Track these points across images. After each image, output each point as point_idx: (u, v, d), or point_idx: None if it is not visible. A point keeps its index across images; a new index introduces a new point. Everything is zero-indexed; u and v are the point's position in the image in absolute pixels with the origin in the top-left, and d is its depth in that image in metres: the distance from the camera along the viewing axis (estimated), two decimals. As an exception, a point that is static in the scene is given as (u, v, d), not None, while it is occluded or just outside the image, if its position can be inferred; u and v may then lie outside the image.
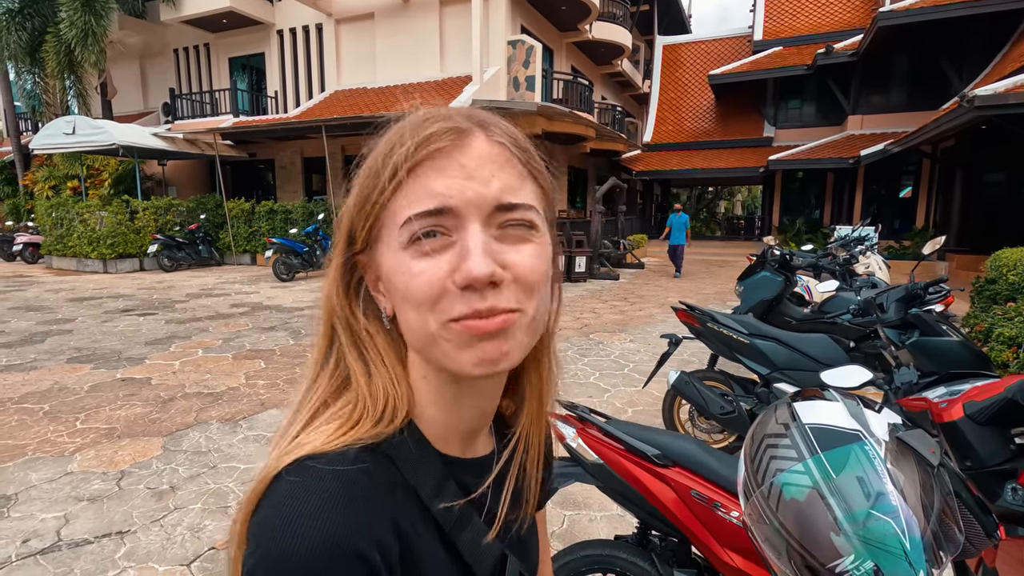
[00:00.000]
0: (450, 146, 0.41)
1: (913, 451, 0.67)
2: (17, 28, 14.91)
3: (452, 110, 0.44)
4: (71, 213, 12.12)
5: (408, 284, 0.41)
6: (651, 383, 3.51)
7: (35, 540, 2.37)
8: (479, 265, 0.39)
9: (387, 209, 0.42)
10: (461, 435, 0.50)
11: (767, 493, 0.70)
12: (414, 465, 0.44)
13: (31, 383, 4.46)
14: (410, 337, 0.44)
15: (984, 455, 1.24)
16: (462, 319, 0.40)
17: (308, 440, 0.41)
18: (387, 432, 0.43)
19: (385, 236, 0.42)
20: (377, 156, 0.43)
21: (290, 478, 0.39)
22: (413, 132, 0.42)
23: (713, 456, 1.46)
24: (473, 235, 0.40)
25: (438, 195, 0.40)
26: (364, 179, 0.44)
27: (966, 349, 2.17)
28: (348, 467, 0.40)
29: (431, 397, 0.47)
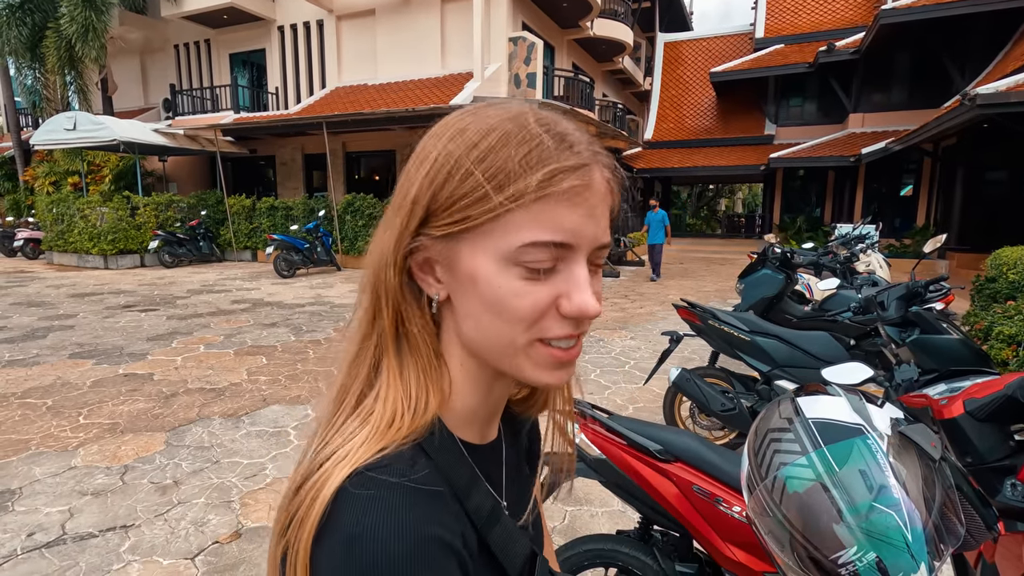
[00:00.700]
0: (586, 182, 0.41)
1: (915, 445, 0.68)
2: (18, 23, 14.88)
3: (580, 128, 0.44)
4: (72, 209, 12.13)
5: (507, 300, 0.41)
6: (652, 380, 3.53)
7: (40, 534, 2.39)
8: (594, 304, 0.42)
9: (501, 217, 0.40)
10: (483, 419, 0.50)
11: (771, 486, 0.71)
12: (448, 461, 0.44)
13: (34, 378, 4.47)
14: (479, 339, 0.43)
15: (984, 451, 1.26)
16: (550, 344, 0.42)
17: (354, 447, 0.41)
18: (423, 427, 0.43)
19: (483, 239, 0.41)
20: (505, 149, 0.40)
21: (357, 491, 0.38)
22: (556, 149, 0.40)
23: (715, 452, 1.47)
24: (583, 270, 0.42)
25: (567, 231, 0.40)
26: (479, 168, 0.40)
27: (966, 347, 2.18)
28: (408, 468, 0.40)
29: (466, 385, 0.47)
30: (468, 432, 0.49)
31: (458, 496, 0.44)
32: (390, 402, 0.43)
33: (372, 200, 11.98)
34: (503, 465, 0.53)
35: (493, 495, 0.47)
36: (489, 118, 0.42)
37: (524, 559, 0.48)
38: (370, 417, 0.43)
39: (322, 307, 7.75)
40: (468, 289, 0.42)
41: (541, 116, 0.43)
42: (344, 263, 12.27)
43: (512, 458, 0.55)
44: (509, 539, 0.47)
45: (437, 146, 0.42)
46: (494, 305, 0.41)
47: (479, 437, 0.50)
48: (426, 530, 0.38)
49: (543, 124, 0.42)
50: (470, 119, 0.43)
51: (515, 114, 0.42)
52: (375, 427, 0.42)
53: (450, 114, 0.45)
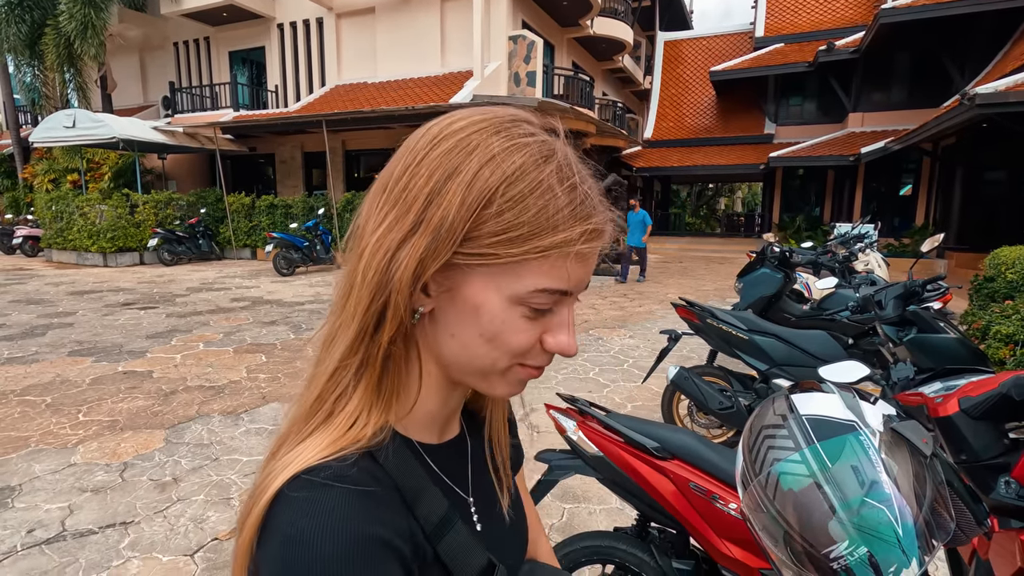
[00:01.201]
0: (600, 243, 0.44)
1: (907, 441, 0.69)
2: (16, 20, 14.87)
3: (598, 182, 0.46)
4: (71, 206, 12.12)
5: (505, 335, 0.43)
6: (650, 379, 3.54)
7: (40, 530, 2.39)
8: (574, 347, 0.45)
9: (521, 263, 0.41)
10: (441, 422, 0.51)
11: (765, 482, 0.71)
12: (399, 465, 0.44)
13: (33, 376, 4.47)
14: (460, 358, 0.45)
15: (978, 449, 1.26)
16: (526, 367, 0.45)
17: (304, 450, 0.41)
18: (378, 435, 0.43)
19: (498, 277, 0.41)
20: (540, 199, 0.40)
21: (294, 494, 0.38)
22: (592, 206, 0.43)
23: (712, 449, 1.48)
24: (570, 313, 0.45)
25: (574, 282, 0.43)
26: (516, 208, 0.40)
27: (963, 346, 2.18)
28: (351, 470, 0.40)
29: (428, 392, 0.47)
30: (425, 434, 0.50)
31: (407, 503, 0.43)
32: (354, 411, 0.43)
33: (371, 198, 11.95)
34: (468, 459, 0.54)
35: (445, 501, 0.46)
36: (529, 148, 0.41)
37: (479, 570, 0.46)
38: (335, 420, 0.43)
39: (321, 305, 7.76)
40: (467, 315, 0.43)
41: (574, 161, 0.44)
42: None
43: (478, 451, 0.56)
44: (462, 549, 0.45)
45: (469, 165, 0.40)
46: (491, 336, 0.43)
47: (437, 437, 0.51)
48: (362, 529, 0.37)
49: (579, 173, 0.43)
50: (507, 143, 0.41)
51: (548, 152, 0.42)
52: (331, 434, 0.42)
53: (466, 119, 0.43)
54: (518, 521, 0.58)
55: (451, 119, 0.44)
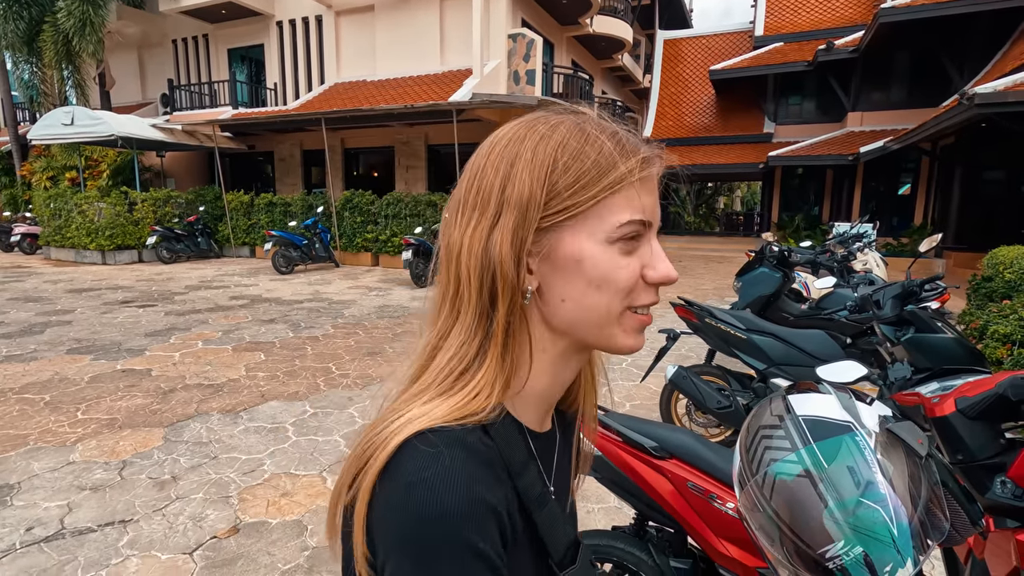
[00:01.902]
0: (655, 171, 0.49)
1: (902, 442, 0.69)
2: (14, 17, 14.83)
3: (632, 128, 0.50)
4: (69, 204, 12.10)
5: (612, 273, 0.46)
6: (649, 378, 3.54)
7: (39, 528, 2.40)
8: (674, 271, 0.49)
9: (603, 202, 0.46)
10: (546, 406, 0.54)
11: (761, 482, 0.72)
12: (507, 440, 0.47)
13: (31, 373, 4.47)
14: (579, 316, 0.48)
15: (975, 449, 1.27)
16: (638, 311, 0.49)
17: (430, 411, 0.45)
18: (493, 409, 0.46)
19: (584, 224, 0.46)
20: (592, 147, 0.46)
21: (422, 447, 0.42)
22: (636, 147, 0.47)
23: (710, 448, 1.49)
24: (658, 244, 0.49)
25: (649, 210, 0.47)
26: (576, 162, 0.46)
27: (960, 346, 2.19)
28: (475, 436, 0.44)
29: (542, 368, 0.50)
30: (529, 418, 0.52)
31: (512, 474, 0.47)
32: (482, 383, 0.46)
33: (370, 196, 11.96)
34: (555, 454, 0.57)
35: (543, 479, 0.50)
36: (566, 122, 0.48)
37: (567, 544, 0.52)
38: (459, 392, 0.46)
39: (320, 303, 7.76)
40: (571, 271, 0.47)
41: (604, 118, 0.50)
42: (342, 259, 12.27)
43: (563, 448, 0.59)
44: (555, 523, 0.50)
45: (525, 148, 0.46)
46: (600, 280, 0.46)
47: (538, 425, 0.54)
48: (477, 491, 0.41)
49: (614, 124, 0.49)
50: (543, 127, 0.48)
51: (581, 119, 0.48)
52: (456, 402, 0.45)
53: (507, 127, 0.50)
54: (574, 516, 0.63)
55: (496, 133, 0.50)
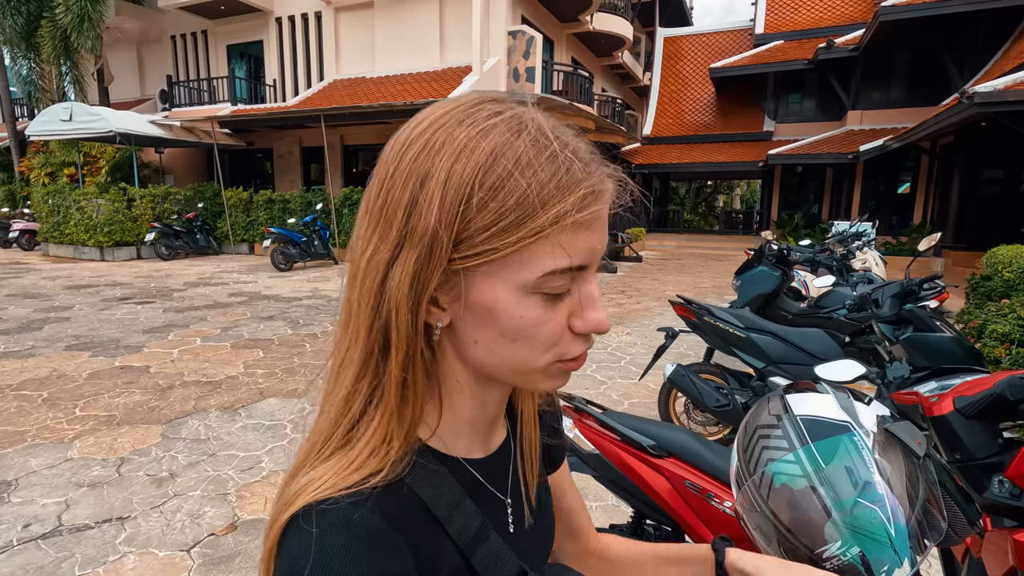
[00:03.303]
0: (604, 203, 0.41)
1: (900, 442, 0.69)
2: (12, 12, 14.77)
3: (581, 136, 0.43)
4: (68, 200, 12.08)
5: (529, 330, 0.40)
6: (647, 376, 3.55)
7: (36, 525, 2.39)
8: (606, 322, 0.42)
9: (525, 248, 0.38)
10: (483, 429, 0.50)
11: (759, 482, 0.72)
12: (431, 486, 0.43)
13: (29, 370, 4.47)
14: (492, 364, 0.43)
15: (973, 448, 1.27)
16: (565, 363, 0.42)
17: (318, 478, 0.40)
18: (404, 458, 0.42)
19: (501, 271, 0.39)
20: (522, 177, 0.37)
21: (305, 527, 0.38)
22: (582, 172, 0.39)
23: (707, 447, 1.49)
24: (595, 287, 0.42)
25: (586, 254, 0.40)
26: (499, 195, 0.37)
27: (959, 345, 2.19)
28: (360, 510, 0.39)
29: (466, 400, 0.46)
30: (464, 446, 0.48)
31: (440, 520, 0.43)
32: (378, 435, 0.41)
33: (370, 194, 11.93)
34: (511, 464, 0.53)
35: (479, 516, 0.46)
36: (497, 129, 0.39)
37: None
38: (353, 448, 0.41)
39: (319, 300, 7.75)
40: (483, 319, 0.40)
41: (551, 127, 0.40)
42: (341, 257, 12.25)
43: (520, 452, 0.55)
44: (495, 559, 0.46)
45: (440, 164, 0.38)
46: (514, 334, 0.40)
47: (479, 449, 0.50)
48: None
49: (559, 139, 0.39)
50: (472, 131, 0.38)
51: (525, 126, 0.39)
52: (353, 458, 0.41)
53: (428, 118, 0.41)
54: (543, 519, 0.58)
55: (415, 121, 0.42)
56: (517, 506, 0.53)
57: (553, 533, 0.61)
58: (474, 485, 0.48)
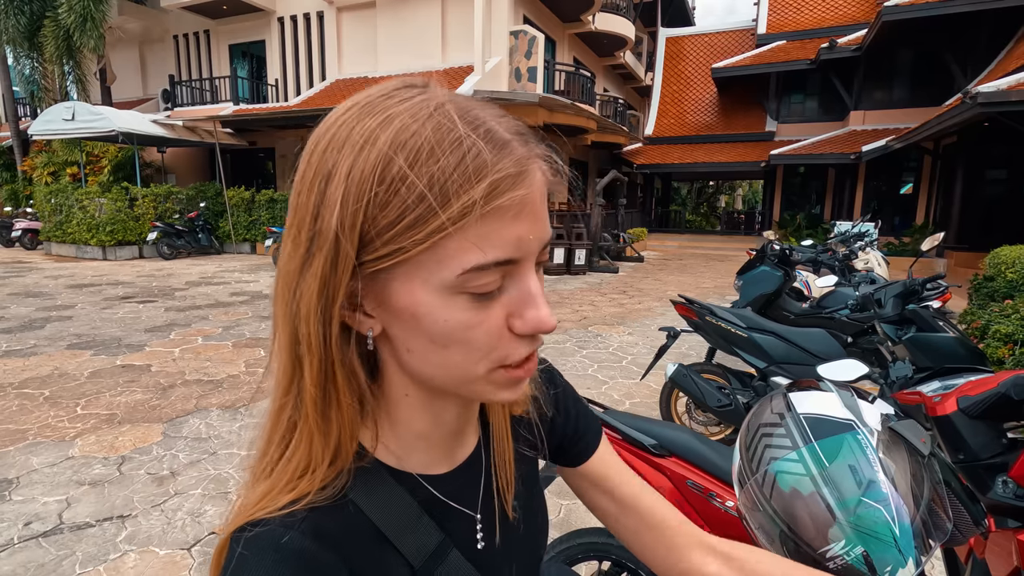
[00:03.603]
0: (528, 187, 0.36)
1: (904, 441, 0.68)
2: (15, 12, 14.78)
3: (506, 115, 0.39)
4: (70, 199, 12.10)
5: (458, 334, 0.37)
6: (649, 375, 3.54)
7: (37, 523, 2.39)
8: (551, 317, 0.38)
9: (438, 245, 0.35)
10: (442, 444, 0.47)
11: (761, 481, 0.71)
12: (380, 504, 0.42)
13: (31, 368, 4.47)
14: (429, 373, 0.40)
15: (976, 448, 1.26)
16: (509, 367, 0.39)
17: (255, 499, 0.40)
18: (343, 476, 0.40)
19: (418, 270, 0.36)
20: (428, 165, 0.34)
21: (236, 548, 0.37)
22: (495, 154, 0.35)
23: (709, 447, 1.48)
24: (535, 283, 0.38)
25: (513, 245, 0.36)
26: (403, 188, 0.34)
27: (962, 345, 2.18)
28: (290, 532, 0.37)
29: (415, 413, 0.44)
30: (423, 461, 0.46)
31: (390, 538, 0.42)
32: (303, 453, 0.39)
33: (371, 193, 11.94)
34: (481, 474, 0.51)
35: (438, 534, 0.44)
36: (400, 118, 0.35)
37: None
38: (286, 467, 0.40)
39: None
40: (409, 325, 0.37)
41: (464, 109, 0.36)
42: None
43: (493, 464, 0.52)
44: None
45: (342, 160, 0.35)
46: (443, 340, 0.37)
47: (446, 464, 0.48)
48: None
49: (470, 122, 0.35)
50: (374, 121, 0.35)
51: (431, 111, 0.35)
52: (286, 479, 0.39)
53: (338, 111, 0.38)
54: (530, 526, 0.55)
55: (330, 114, 0.38)
56: (490, 520, 0.50)
57: (541, 535, 0.58)
58: (434, 502, 0.46)
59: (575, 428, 0.62)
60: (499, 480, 0.51)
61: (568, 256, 10.94)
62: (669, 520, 0.59)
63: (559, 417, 0.61)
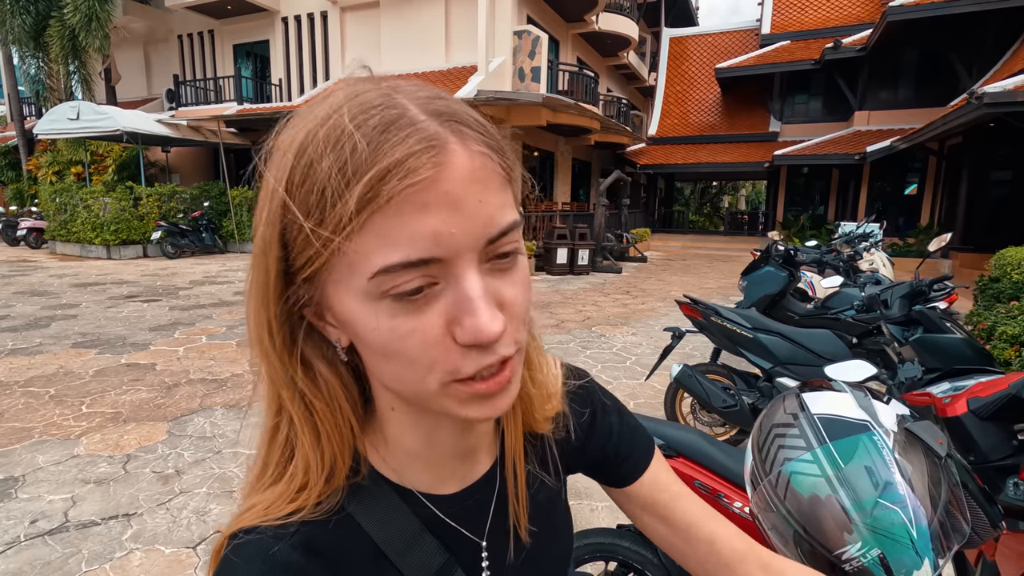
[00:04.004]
0: (432, 174, 0.32)
1: (921, 442, 0.68)
2: (21, 12, 14.85)
3: (403, 99, 0.34)
4: (75, 199, 12.14)
5: (391, 344, 0.34)
6: (653, 376, 3.53)
7: (43, 521, 2.40)
8: (489, 324, 0.33)
9: (339, 252, 0.33)
10: (441, 465, 0.45)
11: (775, 481, 0.71)
12: (379, 520, 0.41)
13: (37, 367, 4.49)
14: (391, 385, 0.38)
15: (987, 450, 1.25)
16: (467, 380, 0.35)
17: (253, 506, 0.40)
18: (338, 493, 0.40)
19: (339, 276, 0.34)
20: (317, 168, 0.32)
21: (228, 554, 0.38)
22: (373, 148, 0.31)
23: (717, 447, 1.47)
24: (471, 284, 0.33)
25: (419, 241, 0.32)
26: (301, 198, 0.33)
27: (969, 346, 2.18)
28: (278, 543, 0.38)
29: (404, 430, 0.42)
30: (425, 480, 0.45)
31: (389, 556, 0.41)
32: (301, 467, 0.39)
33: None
34: (493, 498, 0.48)
35: (442, 554, 0.43)
36: (308, 123, 0.34)
37: None
38: (281, 480, 0.40)
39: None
40: (351, 334, 0.36)
41: (367, 101, 0.33)
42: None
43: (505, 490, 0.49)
44: None
45: (272, 163, 0.35)
46: (381, 351, 0.35)
47: (454, 484, 0.46)
48: None
49: (365, 112, 0.33)
50: (290, 130, 0.35)
51: (335, 108, 0.33)
52: (282, 491, 0.39)
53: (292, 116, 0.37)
54: (550, 547, 0.52)
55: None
56: (499, 546, 0.48)
57: (566, 557, 0.56)
58: (437, 522, 0.44)
59: (616, 448, 0.57)
60: (511, 504, 0.49)
61: (571, 256, 10.93)
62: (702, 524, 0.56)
63: (594, 438, 0.57)
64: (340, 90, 0.35)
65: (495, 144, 0.36)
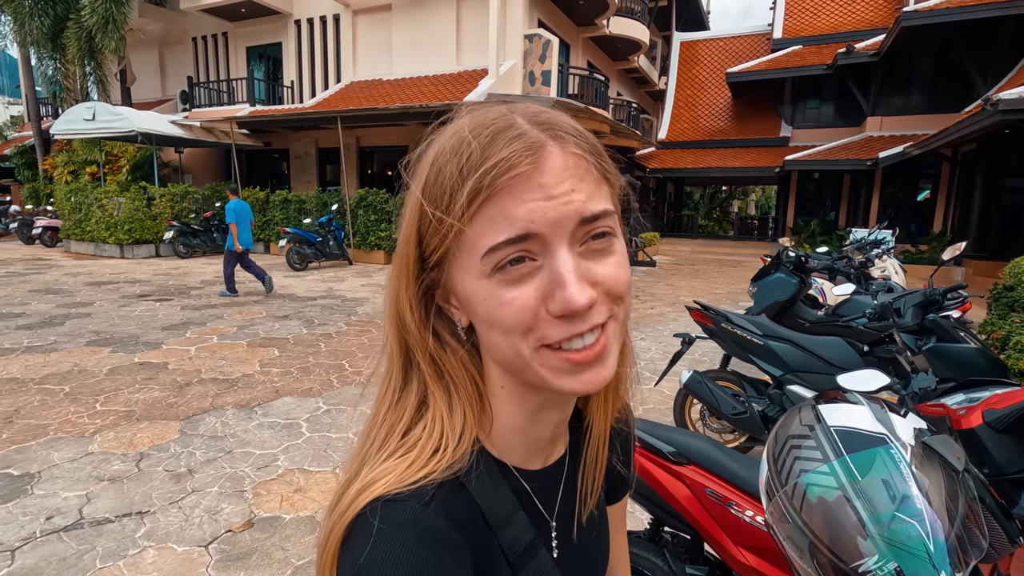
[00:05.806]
0: (529, 169, 0.38)
1: (939, 456, 0.68)
2: (40, 14, 15.10)
3: (516, 115, 0.41)
4: (89, 198, 12.30)
5: (495, 313, 0.40)
6: (663, 382, 3.52)
7: (58, 517, 2.43)
8: (577, 295, 0.38)
9: (461, 235, 0.40)
10: (536, 442, 0.49)
11: (791, 493, 0.71)
12: (487, 492, 0.44)
13: (52, 365, 4.55)
14: (497, 357, 0.43)
15: (1002, 462, 1.25)
16: (559, 347, 0.39)
17: (384, 475, 0.41)
18: (463, 459, 0.43)
19: (460, 260, 0.41)
20: (444, 171, 0.40)
21: (373, 522, 0.39)
22: (483, 151, 0.39)
23: (728, 455, 1.47)
24: (563, 260, 0.39)
25: (518, 221, 0.38)
26: (431, 195, 0.41)
27: (984, 357, 2.16)
28: (426, 509, 0.40)
29: (509, 407, 0.46)
30: (519, 457, 0.48)
31: (493, 527, 0.44)
32: (436, 434, 0.43)
33: (384, 195, 12.03)
34: (563, 481, 0.52)
35: (532, 530, 0.46)
36: (441, 140, 0.43)
37: None
38: (415, 447, 0.43)
39: (334, 300, 7.81)
40: (469, 311, 0.42)
41: (485, 117, 0.42)
42: (356, 257, 12.34)
43: (573, 474, 0.53)
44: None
45: (412, 183, 0.44)
46: (488, 320, 0.40)
47: (539, 461, 0.50)
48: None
49: (482, 125, 0.41)
50: (429, 147, 0.44)
51: (461, 126, 0.42)
52: (416, 457, 0.42)
53: None
54: (594, 548, 0.56)
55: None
56: (565, 530, 0.51)
57: (602, 561, 0.58)
58: (524, 497, 0.47)
59: (627, 464, 0.63)
60: (585, 484, 0.53)
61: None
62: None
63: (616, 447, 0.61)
64: (467, 112, 0.44)
65: (590, 148, 0.43)
